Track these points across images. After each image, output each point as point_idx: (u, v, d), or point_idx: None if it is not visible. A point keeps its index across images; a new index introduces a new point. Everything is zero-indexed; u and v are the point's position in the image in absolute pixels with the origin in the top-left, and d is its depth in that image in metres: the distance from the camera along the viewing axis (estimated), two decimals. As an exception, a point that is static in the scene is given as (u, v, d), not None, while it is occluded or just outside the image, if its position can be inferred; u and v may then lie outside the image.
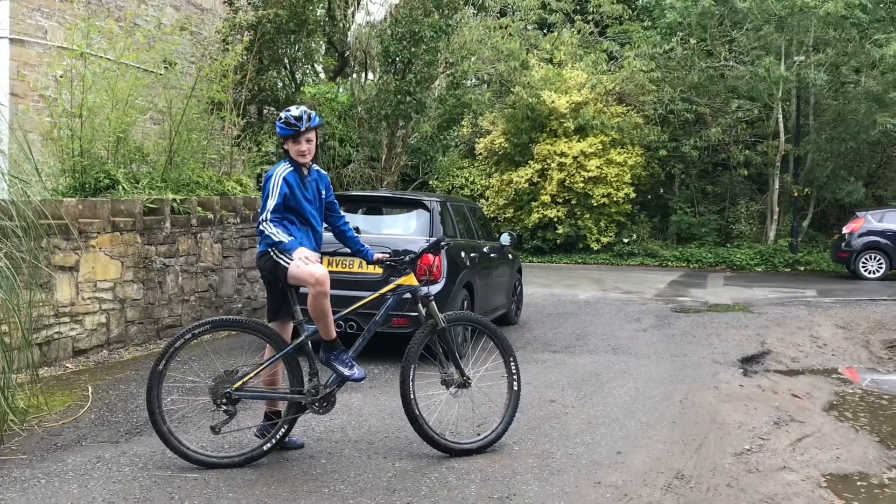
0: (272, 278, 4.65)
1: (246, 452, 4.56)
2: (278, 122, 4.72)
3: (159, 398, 4.43)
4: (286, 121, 4.65)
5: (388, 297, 4.96)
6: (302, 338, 4.65)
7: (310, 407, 4.63)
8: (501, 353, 5.04)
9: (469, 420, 5.22)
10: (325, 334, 4.62)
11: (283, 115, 4.70)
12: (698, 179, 23.32)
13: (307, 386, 4.64)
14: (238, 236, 9.61)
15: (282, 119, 4.68)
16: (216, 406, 4.50)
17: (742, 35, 21.02)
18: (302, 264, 4.42)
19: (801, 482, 4.49)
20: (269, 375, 4.73)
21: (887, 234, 17.24)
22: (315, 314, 4.54)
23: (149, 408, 4.42)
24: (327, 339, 4.64)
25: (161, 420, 4.42)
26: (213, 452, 4.59)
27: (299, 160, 4.69)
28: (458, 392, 4.93)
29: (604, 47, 24.59)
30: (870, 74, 19.54)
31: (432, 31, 14.41)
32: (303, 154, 4.64)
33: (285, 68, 15.63)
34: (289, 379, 4.66)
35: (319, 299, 4.49)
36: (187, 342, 4.53)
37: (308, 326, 4.68)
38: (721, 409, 6.10)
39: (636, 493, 4.24)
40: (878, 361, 8.31)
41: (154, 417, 4.41)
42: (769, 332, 9.76)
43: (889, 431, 5.66)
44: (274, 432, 4.61)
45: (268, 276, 4.69)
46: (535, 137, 21.85)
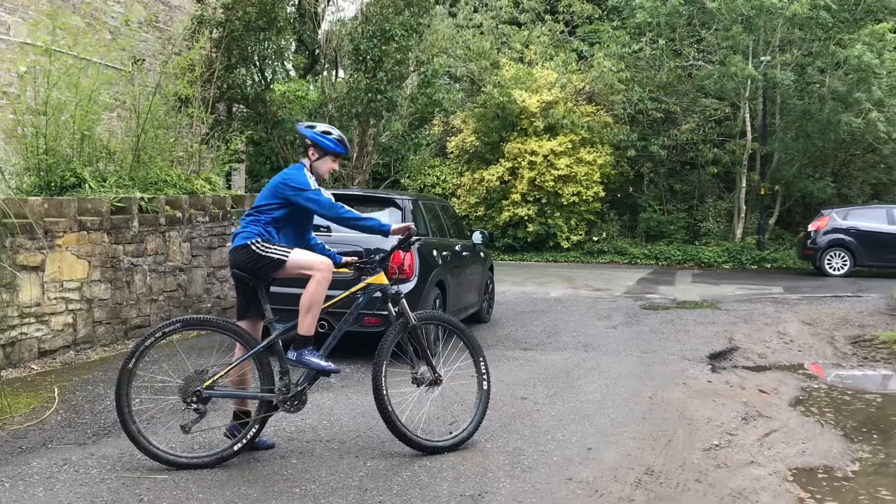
0: (247, 274, 4.63)
1: (216, 453, 4.52)
2: (329, 137, 4.86)
3: (129, 398, 4.38)
4: (341, 140, 4.92)
5: (359, 296, 4.95)
6: (273, 336, 4.64)
7: (281, 406, 4.62)
8: (471, 353, 5.08)
9: (441, 418, 5.23)
10: (307, 329, 4.61)
11: (336, 132, 4.92)
12: (667, 178, 23.54)
13: (278, 385, 4.63)
14: (207, 235, 9.52)
15: (335, 136, 4.89)
16: (186, 405, 4.48)
17: (710, 35, 21.26)
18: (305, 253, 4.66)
19: (769, 476, 4.56)
20: (239, 375, 4.69)
21: (852, 231, 17.54)
22: (310, 304, 4.57)
23: (118, 408, 4.38)
24: (306, 334, 4.61)
25: (130, 420, 4.38)
26: (183, 453, 4.55)
27: (324, 176, 4.93)
28: (429, 390, 4.96)
29: (574, 47, 24.72)
30: (834, 74, 19.86)
31: (403, 29, 14.40)
32: (331, 172, 4.95)
33: (255, 65, 15.50)
34: (259, 378, 4.63)
35: (323, 286, 4.59)
36: (157, 341, 4.49)
37: (278, 325, 4.67)
38: (690, 404, 6.16)
39: (607, 489, 4.27)
40: (843, 357, 8.45)
41: (123, 417, 4.37)
42: (737, 329, 9.88)
43: (853, 426, 5.76)
44: (245, 432, 4.60)
45: (243, 271, 4.64)
46: (506, 136, 21.92)
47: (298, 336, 4.63)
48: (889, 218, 17.64)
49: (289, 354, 4.65)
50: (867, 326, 10.18)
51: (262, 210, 4.72)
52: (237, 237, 4.68)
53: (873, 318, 10.84)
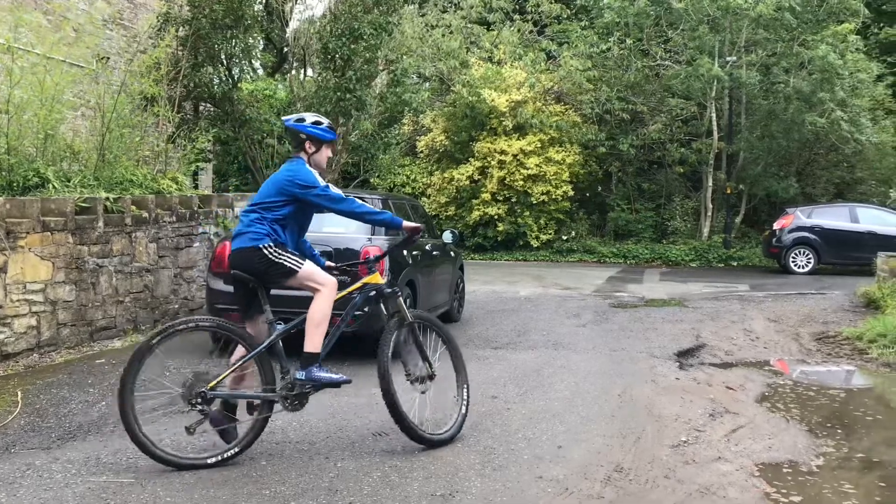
0: (252, 276, 4.60)
1: (208, 456, 4.50)
2: (320, 126, 4.83)
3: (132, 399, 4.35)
4: (332, 126, 4.91)
5: (356, 296, 4.96)
6: (273, 336, 4.62)
7: (283, 404, 4.61)
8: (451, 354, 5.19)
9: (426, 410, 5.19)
10: (314, 346, 4.59)
11: (325, 120, 4.89)
12: (635, 177, 23.73)
13: (279, 384, 4.61)
14: (174, 235, 9.42)
15: (325, 124, 4.86)
16: (191, 406, 4.44)
17: (677, 35, 21.47)
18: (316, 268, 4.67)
19: (736, 472, 4.62)
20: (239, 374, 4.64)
21: (816, 230, 17.81)
22: (318, 321, 4.58)
23: (121, 408, 4.32)
24: (314, 351, 4.60)
25: (134, 421, 4.33)
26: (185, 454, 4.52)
27: (323, 166, 4.88)
28: (424, 385, 5.00)
29: (542, 46, 24.83)
30: (798, 75, 20.16)
31: (372, 28, 14.35)
32: (329, 159, 4.87)
33: (222, 64, 15.35)
34: (261, 378, 4.60)
35: (330, 303, 4.60)
36: (168, 337, 4.49)
37: (278, 325, 4.67)
38: (658, 402, 6.22)
39: (577, 487, 4.29)
40: (808, 353, 8.58)
41: (127, 419, 4.32)
42: (704, 326, 9.99)
43: (817, 421, 5.85)
44: (246, 432, 4.59)
45: (247, 273, 4.61)
46: (476, 135, 21.95)
47: (305, 353, 4.61)
48: (852, 216, 17.96)
49: (297, 375, 4.61)
50: (831, 323, 10.36)
51: (268, 207, 4.67)
52: (242, 237, 4.62)
53: (837, 315, 11.03)
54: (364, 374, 6.89)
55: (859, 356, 8.34)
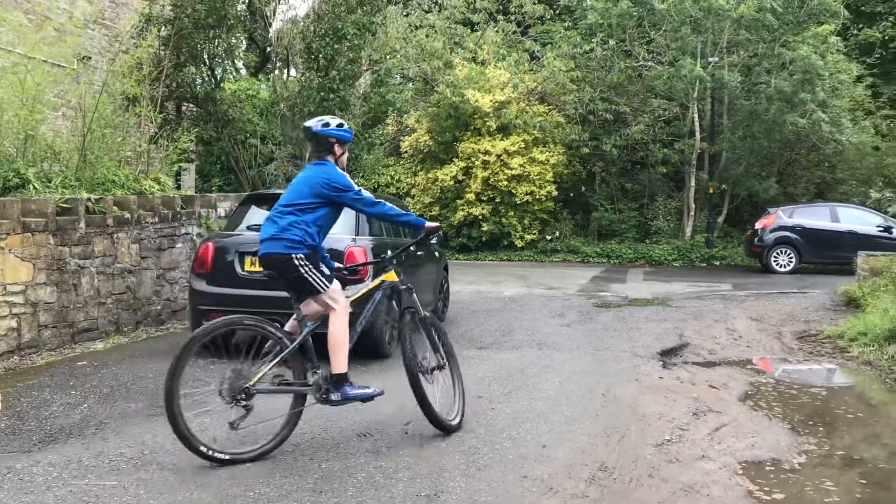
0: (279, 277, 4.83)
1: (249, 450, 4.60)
2: (345, 128, 4.99)
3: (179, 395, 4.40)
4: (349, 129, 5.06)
5: (376, 294, 5.18)
6: (304, 333, 4.76)
7: (316, 397, 4.75)
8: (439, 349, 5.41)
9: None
10: (340, 367, 4.74)
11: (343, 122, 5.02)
12: (618, 177, 23.83)
13: (311, 379, 4.76)
14: (157, 236, 9.36)
15: (346, 125, 5.00)
16: (234, 402, 4.53)
17: (660, 36, 21.57)
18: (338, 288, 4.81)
19: (719, 470, 4.64)
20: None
21: (797, 229, 17.96)
22: (340, 343, 4.72)
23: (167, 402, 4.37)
24: (341, 372, 4.74)
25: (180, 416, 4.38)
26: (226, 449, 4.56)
27: (344, 166, 5.00)
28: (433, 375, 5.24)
29: (526, 47, 24.88)
30: (780, 75, 20.31)
31: (356, 28, 14.31)
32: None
33: (204, 64, 15.27)
34: (293, 372, 4.75)
35: (345, 322, 4.76)
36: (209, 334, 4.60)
37: (308, 323, 4.81)
38: (642, 401, 6.24)
39: (561, 486, 4.30)
40: (790, 352, 8.64)
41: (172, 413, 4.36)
42: (687, 326, 10.04)
43: (800, 419, 5.89)
44: (283, 426, 4.72)
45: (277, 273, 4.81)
46: (460, 136, 21.96)
47: (333, 375, 4.74)
48: (832, 216, 18.13)
49: (332, 397, 4.73)
50: (812, 322, 10.44)
51: (304, 209, 4.77)
52: (276, 242, 4.72)
53: (818, 314, 11.12)
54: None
55: (840, 354, 8.41)
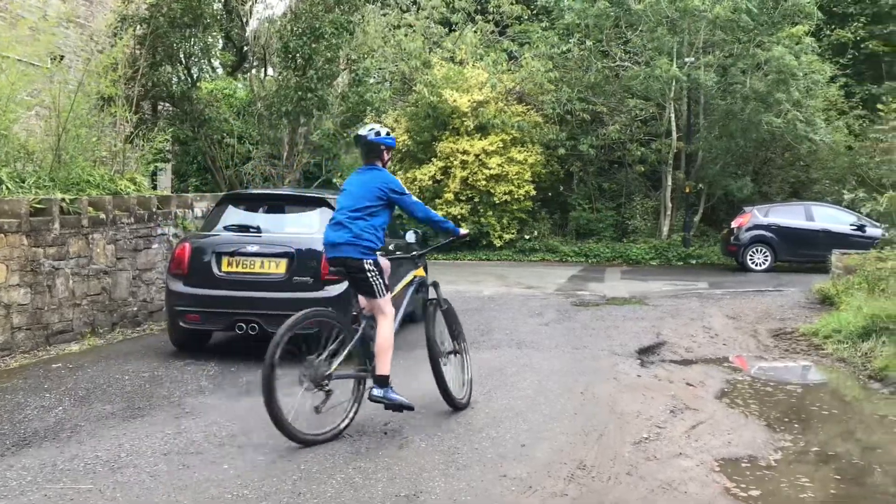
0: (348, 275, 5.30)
1: (331, 430, 5.00)
2: (391, 136, 5.52)
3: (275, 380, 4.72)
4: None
5: (409, 290, 5.78)
6: (363, 325, 5.28)
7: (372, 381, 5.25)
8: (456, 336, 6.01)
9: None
10: (385, 369, 5.17)
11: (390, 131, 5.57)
12: (596, 177, 23.92)
13: (370, 365, 5.25)
14: (132, 237, 9.27)
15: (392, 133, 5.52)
16: (319, 388, 4.98)
17: (636, 36, 21.69)
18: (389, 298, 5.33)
19: (696, 467, 4.68)
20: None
21: (772, 228, 18.15)
22: (386, 347, 5.17)
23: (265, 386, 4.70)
24: (384, 374, 5.17)
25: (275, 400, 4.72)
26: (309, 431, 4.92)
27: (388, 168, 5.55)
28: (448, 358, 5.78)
29: (504, 47, 24.91)
30: (755, 76, 20.49)
31: (333, 27, 14.27)
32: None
33: (180, 63, 15.15)
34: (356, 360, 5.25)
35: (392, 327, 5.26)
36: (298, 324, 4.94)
37: (365, 316, 5.33)
38: (620, 399, 6.28)
39: (540, 485, 4.32)
40: (765, 350, 8.73)
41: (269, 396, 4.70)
42: (664, 324, 10.11)
43: (775, 416, 5.96)
44: (349, 410, 5.16)
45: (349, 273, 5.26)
46: (438, 135, 21.94)
47: (377, 376, 5.16)
48: (807, 215, 18.34)
49: (374, 392, 5.16)
50: (788, 319, 10.56)
51: (372, 213, 5.23)
52: (351, 247, 5.14)
53: (793, 312, 11.25)
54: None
55: (815, 352, 8.51)
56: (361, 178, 5.38)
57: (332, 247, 5.25)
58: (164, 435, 5.05)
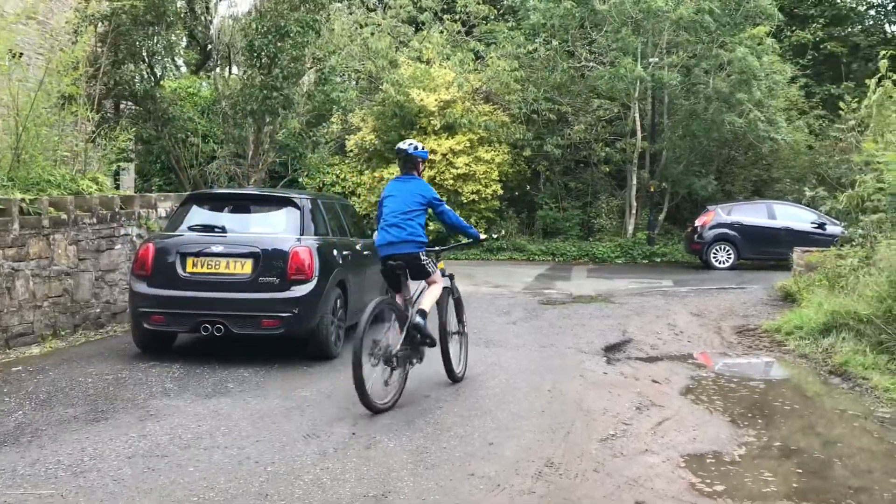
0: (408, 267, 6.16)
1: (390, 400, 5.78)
2: (425, 150, 6.57)
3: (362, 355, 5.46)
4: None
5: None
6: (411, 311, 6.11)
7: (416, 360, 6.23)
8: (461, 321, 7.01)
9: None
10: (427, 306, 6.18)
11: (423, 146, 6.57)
12: (562, 176, 24.06)
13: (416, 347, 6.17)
14: (95, 238, 9.13)
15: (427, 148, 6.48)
16: (388, 364, 5.72)
17: (601, 37, 21.86)
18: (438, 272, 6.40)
19: (662, 464, 4.73)
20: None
21: (735, 226, 18.41)
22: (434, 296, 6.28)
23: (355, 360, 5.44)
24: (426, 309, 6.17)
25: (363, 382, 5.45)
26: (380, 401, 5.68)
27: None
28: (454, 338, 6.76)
29: (471, 46, 24.96)
30: (718, 76, 20.77)
31: (299, 25, 14.16)
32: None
33: (143, 61, 14.95)
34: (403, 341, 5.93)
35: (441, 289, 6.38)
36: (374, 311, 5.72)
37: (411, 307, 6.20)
38: (587, 396, 6.33)
39: (508, 483, 4.34)
40: (729, 346, 8.86)
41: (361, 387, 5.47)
42: (630, 322, 10.21)
43: (739, 412, 6.05)
44: (401, 384, 5.97)
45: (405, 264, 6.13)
46: (405, 134, 21.89)
47: (420, 309, 6.12)
48: (769, 213, 18.63)
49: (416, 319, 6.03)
50: (751, 316, 10.72)
51: (418, 216, 6.20)
52: (409, 244, 6.10)
53: (756, 309, 11.42)
54: (292, 377, 6.82)
55: (778, 348, 8.65)
56: (405, 186, 6.30)
57: (390, 245, 6.13)
58: (129, 438, 4.98)
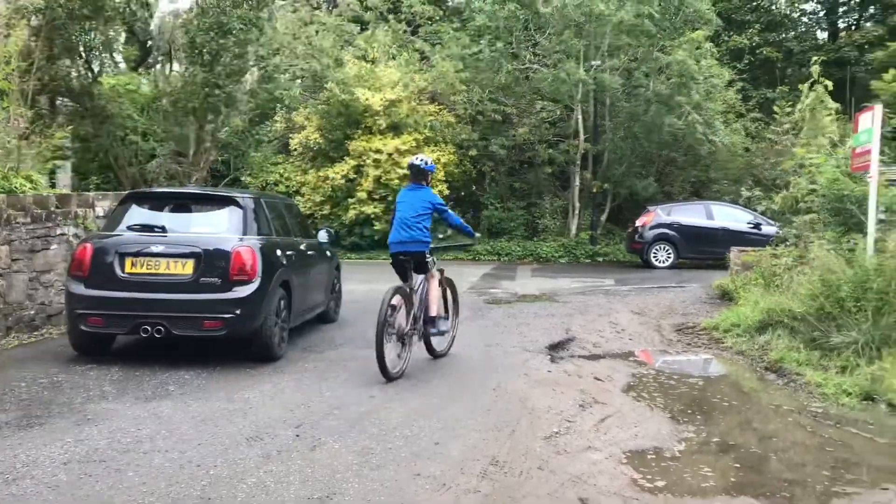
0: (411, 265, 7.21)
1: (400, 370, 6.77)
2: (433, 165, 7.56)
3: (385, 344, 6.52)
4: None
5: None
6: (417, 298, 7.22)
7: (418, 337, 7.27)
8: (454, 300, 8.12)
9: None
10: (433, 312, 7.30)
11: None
12: (507, 176, 24.23)
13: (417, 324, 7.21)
14: (29, 237, 8.85)
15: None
16: (400, 341, 6.86)
17: (545, 39, 22.08)
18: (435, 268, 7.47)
19: (605, 460, 4.80)
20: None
21: (674, 226, 18.78)
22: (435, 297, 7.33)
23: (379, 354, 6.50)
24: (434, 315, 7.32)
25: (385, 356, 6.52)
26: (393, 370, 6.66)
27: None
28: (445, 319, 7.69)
29: (416, 46, 24.95)
30: (658, 79, 21.16)
31: (242, 23, 13.99)
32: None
33: (80, 56, 14.57)
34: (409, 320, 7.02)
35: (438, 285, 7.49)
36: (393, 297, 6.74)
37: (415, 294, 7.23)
38: (531, 394, 6.38)
39: (454, 482, 4.35)
40: (669, 344, 9.03)
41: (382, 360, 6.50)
42: (573, 320, 10.33)
43: (679, 408, 6.17)
44: (407, 356, 6.99)
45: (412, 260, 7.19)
46: (351, 134, 21.79)
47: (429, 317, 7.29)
48: (707, 213, 19.04)
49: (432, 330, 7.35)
50: (690, 314, 10.95)
51: (425, 219, 7.19)
52: (418, 243, 7.13)
53: (695, 307, 11.67)
54: (235, 379, 6.73)
55: (716, 345, 8.86)
56: (415, 194, 7.27)
57: (400, 244, 7.17)
58: (64, 443, 4.85)
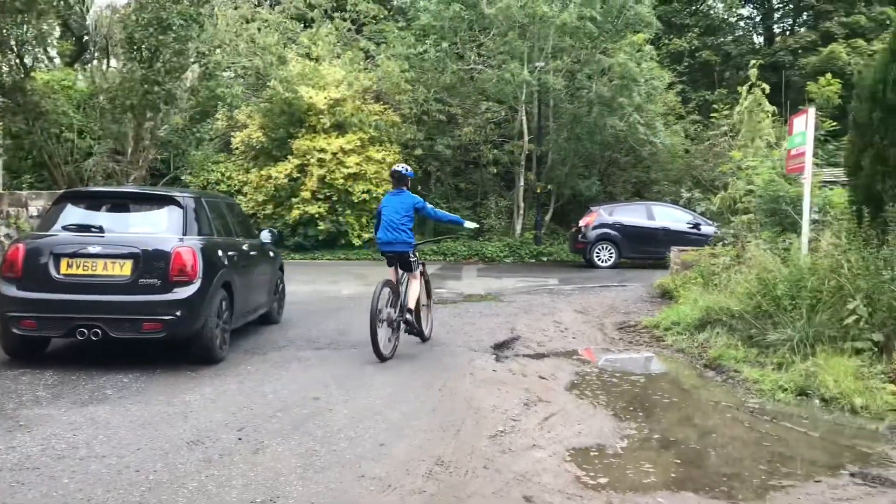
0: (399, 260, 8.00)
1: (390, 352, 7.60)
2: (412, 171, 8.35)
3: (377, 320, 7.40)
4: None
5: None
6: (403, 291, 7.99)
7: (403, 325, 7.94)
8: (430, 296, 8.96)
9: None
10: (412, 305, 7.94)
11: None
12: (452, 177, 24.30)
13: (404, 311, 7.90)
14: (-43, 237, 8.54)
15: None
16: (392, 327, 7.70)
17: (489, 40, 22.20)
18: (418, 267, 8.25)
19: (549, 458, 4.85)
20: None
21: (616, 226, 19.08)
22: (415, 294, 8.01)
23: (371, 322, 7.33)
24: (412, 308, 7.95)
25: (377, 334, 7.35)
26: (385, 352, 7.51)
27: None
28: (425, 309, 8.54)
29: (361, 45, 24.83)
30: (600, 81, 21.48)
31: (182, 18, 13.71)
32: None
33: (11, 51, 14.10)
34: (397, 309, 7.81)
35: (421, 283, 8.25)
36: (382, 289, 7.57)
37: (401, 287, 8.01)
38: (476, 394, 6.40)
39: (399, 483, 4.34)
40: (611, 342, 9.16)
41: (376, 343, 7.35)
42: (518, 319, 10.40)
43: (621, 406, 6.26)
44: (396, 339, 7.77)
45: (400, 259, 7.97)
46: (294, 133, 21.58)
47: (408, 308, 7.89)
48: (648, 214, 19.40)
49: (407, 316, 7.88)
50: (631, 313, 11.13)
51: (406, 221, 7.91)
52: (404, 244, 7.91)
53: (636, 306, 11.87)
54: (176, 382, 6.60)
55: (657, 343, 9.02)
56: (398, 199, 8.04)
57: (388, 244, 7.92)
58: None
